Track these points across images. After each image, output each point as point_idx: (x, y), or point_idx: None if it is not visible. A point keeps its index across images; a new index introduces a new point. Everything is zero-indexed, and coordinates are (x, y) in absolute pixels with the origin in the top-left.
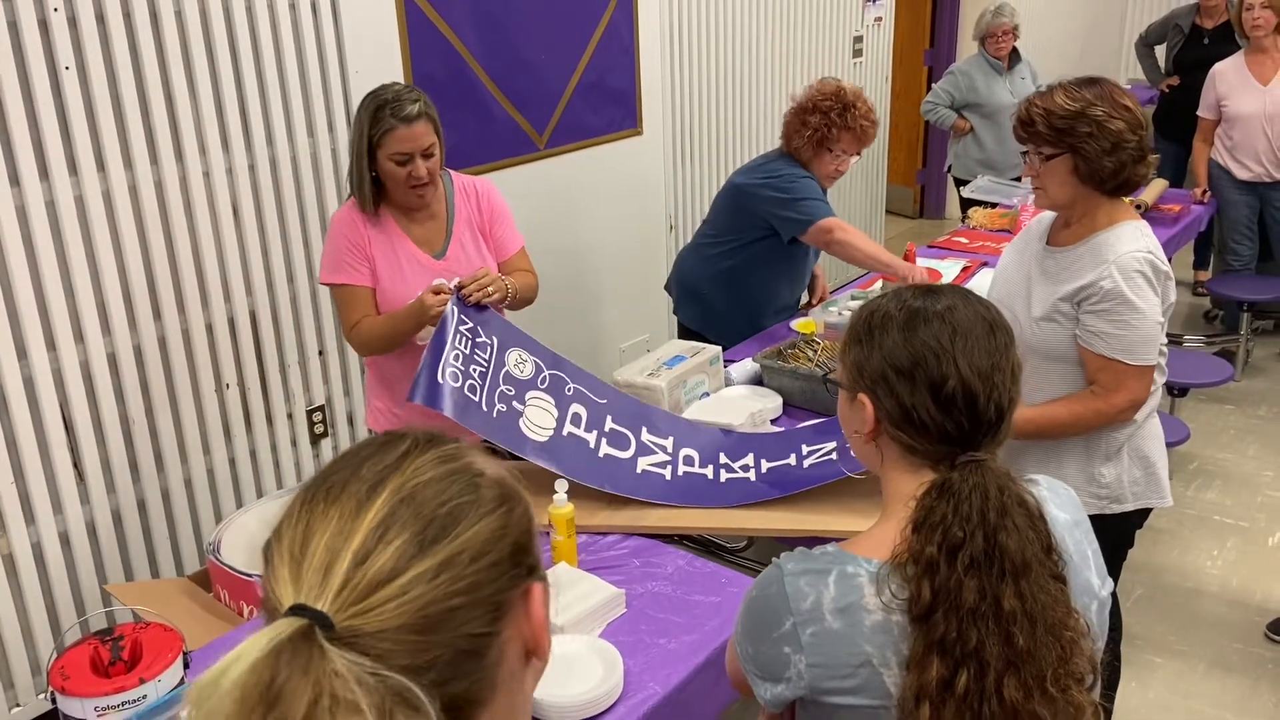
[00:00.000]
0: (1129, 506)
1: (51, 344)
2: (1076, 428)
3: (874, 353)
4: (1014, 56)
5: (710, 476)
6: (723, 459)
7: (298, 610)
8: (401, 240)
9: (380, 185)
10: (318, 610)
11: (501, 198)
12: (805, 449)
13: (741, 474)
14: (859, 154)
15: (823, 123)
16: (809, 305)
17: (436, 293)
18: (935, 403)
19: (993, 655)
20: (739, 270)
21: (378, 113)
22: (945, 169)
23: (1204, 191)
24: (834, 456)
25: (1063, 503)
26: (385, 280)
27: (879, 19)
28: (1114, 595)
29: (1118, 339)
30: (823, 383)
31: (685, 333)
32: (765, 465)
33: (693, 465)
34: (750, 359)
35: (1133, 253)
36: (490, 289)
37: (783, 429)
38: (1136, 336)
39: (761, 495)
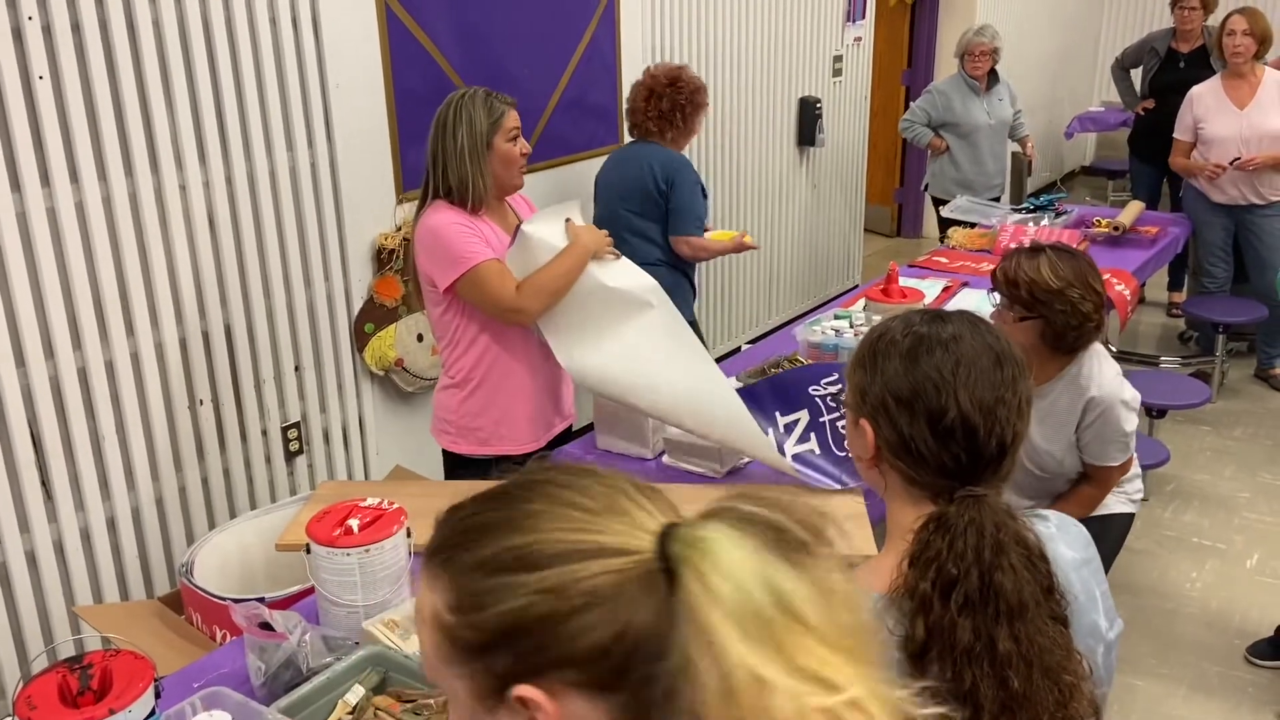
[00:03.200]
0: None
1: (20, 359)
2: (1090, 509)
3: (876, 379)
4: (992, 78)
5: None
6: None
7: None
8: (500, 232)
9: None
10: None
11: None
12: (780, 420)
13: None
14: None
15: (696, 111)
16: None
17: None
18: (933, 434)
19: (987, 698)
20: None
21: (488, 100)
22: (922, 188)
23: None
24: (814, 448)
25: (1071, 540)
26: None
27: (858, 39)
28: None
29: (1110, 450)
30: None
31: None
32: None
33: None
34: (734, 377)
35: (1110, 385)
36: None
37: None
38: (1122, 444)
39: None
